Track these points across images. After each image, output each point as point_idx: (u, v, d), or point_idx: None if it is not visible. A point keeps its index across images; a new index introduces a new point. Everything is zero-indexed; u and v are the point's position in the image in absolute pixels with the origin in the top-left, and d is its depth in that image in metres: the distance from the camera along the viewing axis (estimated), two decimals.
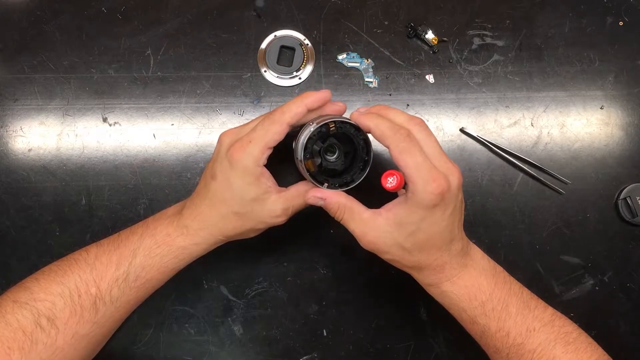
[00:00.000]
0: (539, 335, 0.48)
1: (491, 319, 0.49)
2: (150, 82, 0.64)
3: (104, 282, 0.49)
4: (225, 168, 0.48)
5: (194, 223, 0.50)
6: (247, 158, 0.47)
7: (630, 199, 0.63)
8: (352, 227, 0.49)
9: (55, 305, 0.47)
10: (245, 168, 0.47)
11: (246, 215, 0.49)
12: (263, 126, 0.47)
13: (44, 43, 0.64)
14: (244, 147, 0.47)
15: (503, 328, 0.48)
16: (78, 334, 0.48)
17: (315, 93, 0.48)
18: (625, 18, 0.66)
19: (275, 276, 0.62)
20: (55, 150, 0.63)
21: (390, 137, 0.44)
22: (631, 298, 0.63)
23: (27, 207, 0.62)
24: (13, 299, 0.48)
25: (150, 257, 0.50)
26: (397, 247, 0.47)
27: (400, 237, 0.46)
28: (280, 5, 0.65)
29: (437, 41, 0.65)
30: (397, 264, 0.49)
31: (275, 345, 0.61)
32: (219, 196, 0.49)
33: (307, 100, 0.48)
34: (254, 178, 0.47)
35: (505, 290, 0.49)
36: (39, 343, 0.46)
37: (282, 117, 0.47)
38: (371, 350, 0.61)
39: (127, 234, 0.52)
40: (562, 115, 0.65)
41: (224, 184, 0.48)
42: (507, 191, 0.64)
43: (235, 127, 0.51)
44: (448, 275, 0.49)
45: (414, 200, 0.44)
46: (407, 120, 0.47)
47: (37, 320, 0.46)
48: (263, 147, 0.47)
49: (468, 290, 0.49)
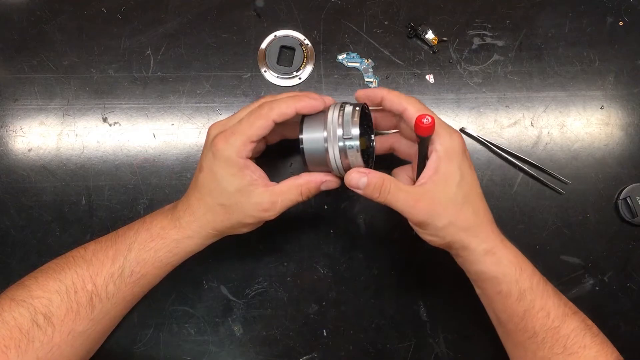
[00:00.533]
0: (572, 322, 0.48)
1: (537, 294, 0.48)
2: (150, 82, 0.64)
3: (100, 277, 0.49)
4: (209, 159, 0.48)
5: (184, 215, 0.51)
6: (229, 149, 0.47)
7: (630, 199, 0.63)
8: (400, 199, 0.47)
9: (51, 303, 0.47)
10: (227, 158, 0.47)
11: (232, 208, 0.49)
12: (249, 120, 0.47)
13: (44, 43, 0.64)
14: (227, 138, 0.47)
15: (545, 307, 0.48)
16: (75, 331, 0.48)
17: (309, 99, 0.48)
18: (625, 18, 0.66)
19: (275, 276, 0.62)
20: (55, 150, 0.63)
21: (410, 102, 0.49)
22: (631, 298, 0.63)
23: (27, 207, 0.62)
24: (11, 297, 0.48)
25: (144, 251, 0.50)
26: (452, 204, 0.47)
27: (451, 191, 0.47)
28: (280, 5, 0.65)
29: (437, 41, 0.65)
30: (449, 232, 0.48)
31: (275, 345, 0.61)
32: (205, 187, 0.49)
33: (299, 105, 0.48)
34: (236, 169, 0.47)
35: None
36: (35, 341, 0.46)
37: (270, 113, 0.47)
38: (371, 350, 0.61)
39: (125, 230, 0.52)
40: (562, 115, 0.65)
41: (209, 175, 0.49)
42: (507, 191, 0.64)
43: (224, 119, 0.51)
44: (500, 238, 0.49)
45: (446, 150, 0.47)
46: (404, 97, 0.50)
47: (33, 317, 0.46)
48: (246, 140, 0.47)
49: (518, 259, 0.49)
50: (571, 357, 0.47)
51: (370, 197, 0.48)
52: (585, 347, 0.48)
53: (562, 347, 0.48)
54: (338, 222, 0.62)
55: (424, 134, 0.45)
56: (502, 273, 0.48)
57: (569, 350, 0.48)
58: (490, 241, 0.49)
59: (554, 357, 0.48)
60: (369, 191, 0.47)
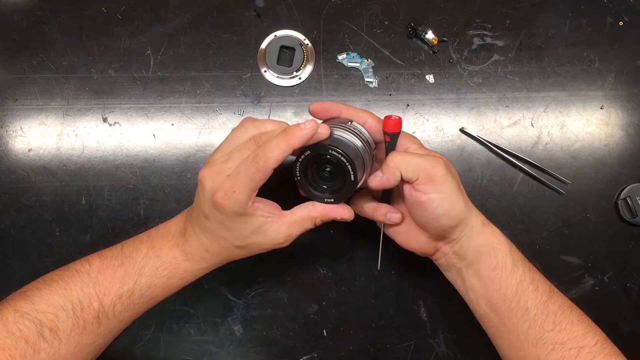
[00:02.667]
0: (558, 298, 0.50)
1: (526, 265, 0.50)
2: (150, 82, 0.64)
3: (108, 298, 0.49)
4: (215, 213, 0.47)
5: (198, 251, 0.50)
6: (234, 206, 0.46)
7: (630, 199, 0.63)
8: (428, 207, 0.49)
9: (57, 318, 0.47)
10: (235, 213, 0.46)
11: (248, 247, 0.49)
12: (247, 174, 0.45)
13: (44, 43, 0.64)
14: (228, 196, 0.45)
15: (534, 280, 0.50)
16: (81, 344, 0.48)
17: (300, 130, 0.45)
18: (625, 18, 0.66)
19: (275, 276, 0.62)
20: (55, 150, 0.63)
21: (368, 114, 0.51)
22: (631, 298, 0.63)
23: (27, 207, 0.62)
24: (14, 307, 0.47)
25: (157, 278, 0.50)
26: (463, 201, 0.49)
27: (454, 194, 0.48)
28: (280, 5, 0.65)
29: (437, 41, 0.65)
30: (462, 229, 0.50)
31: (275, 345, 0.61)
32: (217, 233, 0.48)
33: (292, 142, 0.45)
34: (247, 217, 0.47)
35: None
36: (41, 352, 0.46)
37: (267, 164, 0.45)
38: (371, 351, 0.61)
39: (131, 249, 0.51)
40: (562, 115, 0.65)
41: (218, 225, 0.48)
42: (507, 191, 0.64)
43: (215, 165, 0.47)
44: (499, 233, 0.51)
45: (434, 179, 0.47)
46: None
47: (39, 331, 0.46)
48: (248, 194, 0.46)
49: (507, 240, 0.51)
50: (561, 334, 0.48)
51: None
52: (573, 323, 0.48)
53: (552, 323, 0.48)
54: (338, 222, 0.62)
55: (393, 130, 0.49)
56: (498, 242, 0.51)
57: (559, 327, 0.48)
58: (480, 215, 0.51)
59: (545, 334, 0.48)
60: (391, 216, 0.53)
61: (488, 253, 0.50)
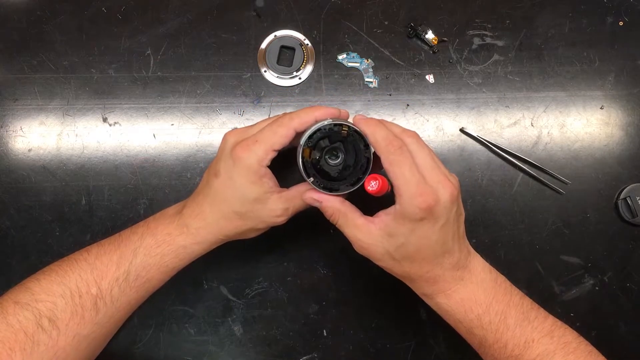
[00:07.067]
0: (538, 347, 0.48)
1: (488, 331, 0.48)
2: (150, 82, 0.64)
3: (105, 281, 0.49)
4: (229, 166, 0.48)
5: (194, 221, 0.50)
6: (251, 157, 0.47)
7: (630, 199, 0.63)
8: (346, 232, 0.49)
9: (56, 306, 0.47)
10: (249, 167, 0.47)
11: (247, 215, 0.49)
12: (271, 128, 0.48)
13: (44, 43, 0.64)
14: (249, 146, 0.47)
15: (501, 340, 0.48)
16: (79, 334, 0.48)
17: (327, 108, 0.49)
18: (625, 18, 0.66)
19: (275, 276, 0.62)
20: (55, 150, 0.63)
21: (383, 147, 0.45)
22: (631, 298, 0.63)
23: (27, 207, 0.62)
24: (14, 299, 0.48)
25: (150, 256, 0.50)
26: (388, 256, 0.47)
27: (391, 247, 0.46)
28: (280, 5, 0.65)
29: (437, 41, 0.65)
30: (389, 271, 0.50)
31: (275, 345, 0.61)
32: (220, 194, 0.49)
33: (317, 113, 0.49)
34: (256, 177, 0.48)
35: (504, 303, 0.49)
36: (40, 344, 0.46)
37: (291, 122, 0.48)
38: (371, 350, 0.61)
39: (128, 234, 0.52)
40: (562, 115, 0.65)
41: (226, 182, 0.49)
42: (507, 191, 0.64)
43: (241, 128, 0.51)
44: (442, 288, 0.49)
45: (402, 213, 0.45)
46: (400, 132, 0.47)
47: (38, 321, 0.46)
48: (268, 149, 0.47)
49: (464, 304, 0.49)
50: None
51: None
52: None
53: None
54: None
55: (380, 194, 0.47)
56: (443, 313, 0.51)
57: None
58: (427, 289, 0.49)
59: None
60: (324, 212, 0.50)
61: (438, 311, 0.51)
